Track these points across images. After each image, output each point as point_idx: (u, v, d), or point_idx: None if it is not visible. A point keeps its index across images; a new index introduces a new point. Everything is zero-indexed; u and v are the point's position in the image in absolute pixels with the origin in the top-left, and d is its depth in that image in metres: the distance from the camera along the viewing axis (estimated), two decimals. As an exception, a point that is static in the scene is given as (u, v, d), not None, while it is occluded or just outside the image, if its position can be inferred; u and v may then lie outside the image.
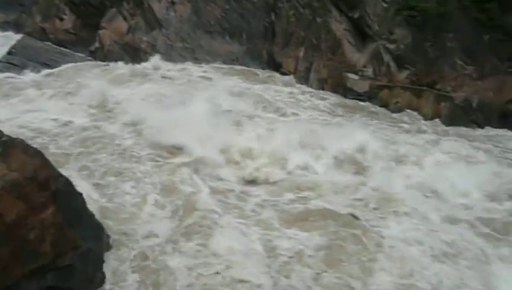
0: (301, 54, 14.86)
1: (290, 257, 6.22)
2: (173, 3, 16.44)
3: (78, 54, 16.86)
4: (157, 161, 8.40)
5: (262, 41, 15.68)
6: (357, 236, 6.60)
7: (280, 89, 13.43)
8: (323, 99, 13.11)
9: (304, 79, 14.55)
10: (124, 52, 16.34)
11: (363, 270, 6.05)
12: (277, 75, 14.55)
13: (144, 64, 14.57)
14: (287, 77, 14.47)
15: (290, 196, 7.74)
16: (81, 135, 9.07)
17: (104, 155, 8.33)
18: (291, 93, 13.24)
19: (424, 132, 11.60)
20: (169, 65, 14.47)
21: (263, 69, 15.20)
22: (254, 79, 14.03)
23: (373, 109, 12.88)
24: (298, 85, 14.06)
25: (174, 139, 8.77)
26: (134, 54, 15.98)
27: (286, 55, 15.13)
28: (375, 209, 7.45)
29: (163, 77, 13.38)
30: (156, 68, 14.12)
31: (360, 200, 7.67)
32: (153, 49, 16.33)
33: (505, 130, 12.08)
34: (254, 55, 15.63)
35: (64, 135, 9.01)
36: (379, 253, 6.34)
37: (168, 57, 15.40)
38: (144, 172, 7.92)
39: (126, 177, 7.70)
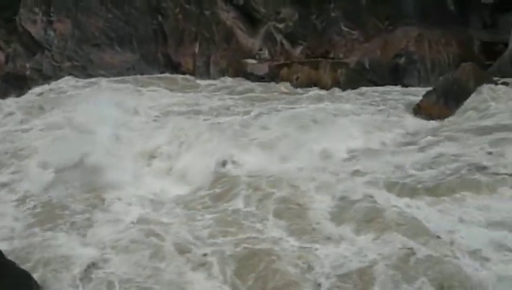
0: (196, 49, 14.76)
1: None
2: (50, 22, 15.40)
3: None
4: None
5: (155, 44, 15.28)
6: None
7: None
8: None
9: (205, 73, 14.50)
10: (7, 84, 15.08)
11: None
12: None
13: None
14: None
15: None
16: None
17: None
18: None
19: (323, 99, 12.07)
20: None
21: (162, 72, 14.84)
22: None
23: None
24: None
25: None
26: (20, 84, 14.80)
27: (182, 54, 14.94)
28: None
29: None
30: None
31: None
32: (40, 74, 15.24)
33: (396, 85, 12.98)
34: (149, 61, 15.18)
35: None
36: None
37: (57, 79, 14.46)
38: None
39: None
